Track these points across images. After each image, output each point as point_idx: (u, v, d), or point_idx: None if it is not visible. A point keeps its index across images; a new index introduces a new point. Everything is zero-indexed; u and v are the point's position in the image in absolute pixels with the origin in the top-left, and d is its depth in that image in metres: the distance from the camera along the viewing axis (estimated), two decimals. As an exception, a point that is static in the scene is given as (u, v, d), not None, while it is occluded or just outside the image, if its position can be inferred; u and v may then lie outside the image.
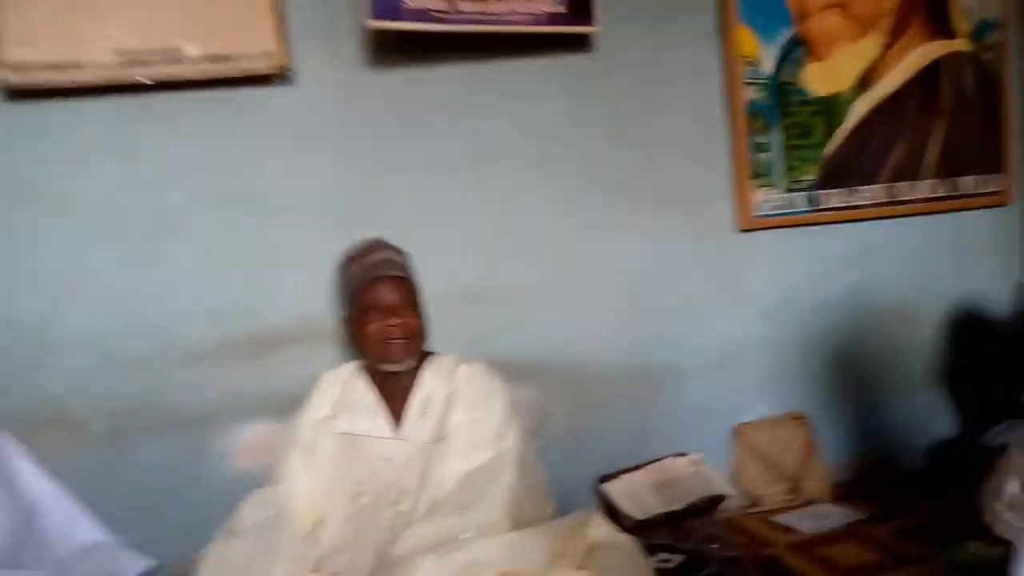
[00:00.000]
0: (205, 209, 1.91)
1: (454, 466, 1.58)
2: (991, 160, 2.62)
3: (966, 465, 2.20)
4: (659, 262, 2.29)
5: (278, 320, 1.95)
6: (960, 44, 2.54)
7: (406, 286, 1.69)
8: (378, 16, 1.74)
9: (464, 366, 1.72)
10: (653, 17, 2.24)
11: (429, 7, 1.77)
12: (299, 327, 1.96)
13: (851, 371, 2.50)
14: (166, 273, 1.87)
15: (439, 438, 1.62)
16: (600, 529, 1.51)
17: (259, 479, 1.73)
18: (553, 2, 1.88)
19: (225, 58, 1.90)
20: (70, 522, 1.79)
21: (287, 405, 1.85)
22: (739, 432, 2.35)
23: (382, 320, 1.64)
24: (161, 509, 1.86)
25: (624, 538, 1.52)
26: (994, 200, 2.64)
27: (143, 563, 1.81)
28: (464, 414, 1.63)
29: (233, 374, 1.91)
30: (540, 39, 1.98)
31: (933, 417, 2.58)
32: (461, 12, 1.80)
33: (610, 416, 2.23)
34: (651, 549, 1.57)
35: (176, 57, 1.86)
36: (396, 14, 1.76)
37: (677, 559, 1.62)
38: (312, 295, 1.96)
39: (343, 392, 1.71)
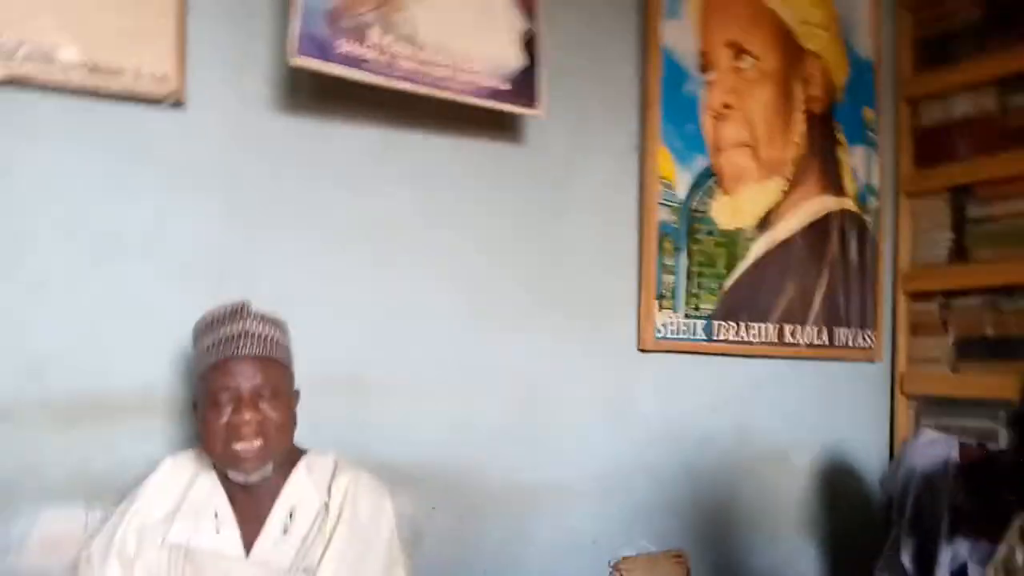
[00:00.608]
0: (48, 238, 1.56)
1: None
2: (864, 316, 2.73)
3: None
4: (555, 371, 2.14)
5: (112, 384, 1.59)
6: (848, 203, 2.69)
7: (271, 369, 1.34)
8: (305, 54, 1.55)
9: (345, 476, 1.40)
10: (579, 122, 2.20)
11: (364, 55, 1.60)
12: (137, 396, 1.61)
13: (729, 510, 2.42)
14: (-22, 307, 1.49)
15: (303, 566, 1.30)
16: None
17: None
18: (498, 78, 1.77)
19: (108, 71, 1.62)
20: None
21: (106, 490, 1.49)
22: (619, 567, 2.17)
23: (232, 413, 1.29)
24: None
25: None
26: (865, 354, 2.74)
27: None
28: (342, 542, 1.32)
29: (42, 441, 1.51)
30: (469, 114, 1.86)
31: (805, 565, 2.53)
32: (397, 68, 1.64)
33: (490, 534, 1.99)
34: None
35: (47, 56, 1.56)
36: (325, 55, 1.57)
37: None
38: (159, 359, 1.63)
39: (183, 490, 1.36)
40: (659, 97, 2.31)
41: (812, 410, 2.61)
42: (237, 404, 1.29)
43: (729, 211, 2.44)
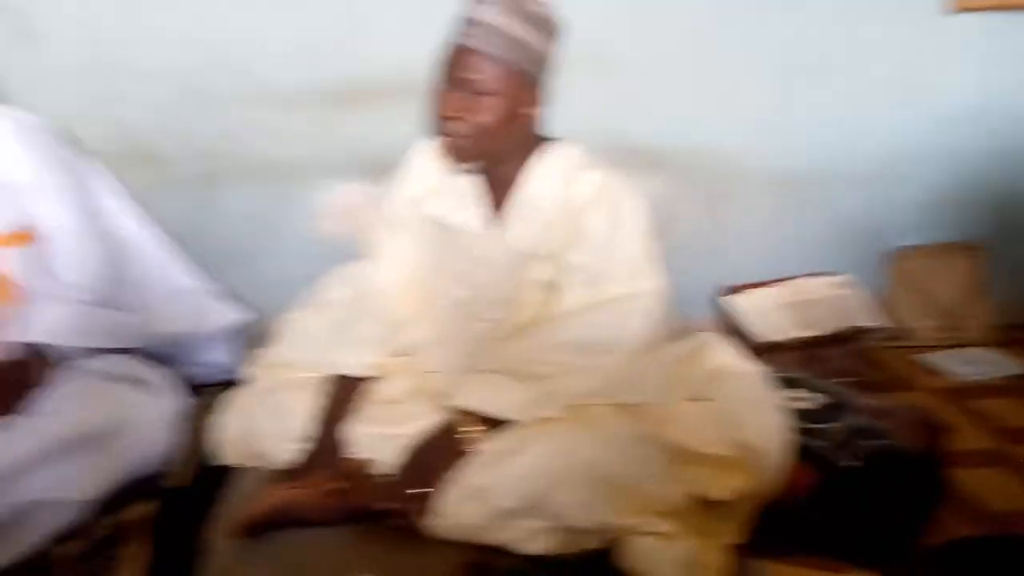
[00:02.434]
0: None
1: (575, 295, 1.29)
2: None
3: None
4: (833, 42, 1.84)
5: (377, 68, 1.68)
6: None
7: (496, 67, 1.22)
8: None
9: (593, 174, 1.33)
10: None
11: None
12: (400, 79, 1.67)
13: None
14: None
15: (540, 251, 1.34)
16: (723, 354, 1.29)
17: (347, 246, 1.58)
18: None
19: None
20: (163, 264, 1.71)
21: (380, 168, 1.63)
22: (896, 257, 2.02)
23: (443, 102, 1.24)
24: (246, 261, 1.76)
25: (750, 367, 1.30)
26: None
27: (232, 315, 1.75)
28: (592, 236, 1.30)
29: (325, 125, 1.70)
30: None
31: None
32: None
33: (744, 222, 1.94)
34: (780, 382, 1.34)
35: None
36: None
37: (813, 399, 1.38)
38: (419, 42, 1.66)
39: (441, 171, 1.41)
40: None
41: None
42: (449, 94, 1.25)
43: None
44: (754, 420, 1.22)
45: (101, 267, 1.57)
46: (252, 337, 1.61)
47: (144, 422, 1.44)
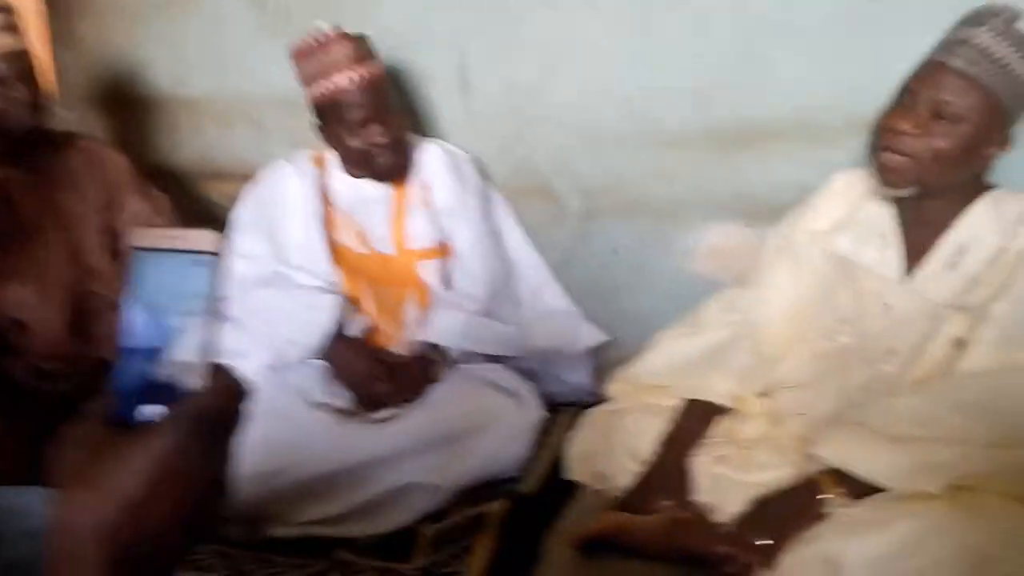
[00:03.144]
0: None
1: (985, 352, 1.12)
2: None
3: None
4: None
5: (768, 110, 1.63)
6: None
7: (971, 92, 1.12)
8: None
9: None
10: None
11: None
12: (792, 122, 1.62)
13: None
14: (651, 45, 1.66)
15: (960, 305, 1.17)
16: None
17: (714, 287, 1.55)
18: None
19: None
20: (540, 287, 1.88)
21: (762, 210, 1.59)
22: None
23: (893, 116, 1.18)
24: (617, 292, 1.82)
25: None
26: None
27: (597, 337, 1.82)
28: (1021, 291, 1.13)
29: (710, 166, 1.68)
30: None
31: None
32: None
33: None
34: None
35: None
36: None
37: None
38: (814, 85, 1.58)
39: (852, 206, 1.32)
40: None
41: None
42: (910, 110, 1.17)
43: None
44: None
45: (493, 283, 1.77)
46: (610, 365, 1.66)
47: (508, 427, 1.57)
